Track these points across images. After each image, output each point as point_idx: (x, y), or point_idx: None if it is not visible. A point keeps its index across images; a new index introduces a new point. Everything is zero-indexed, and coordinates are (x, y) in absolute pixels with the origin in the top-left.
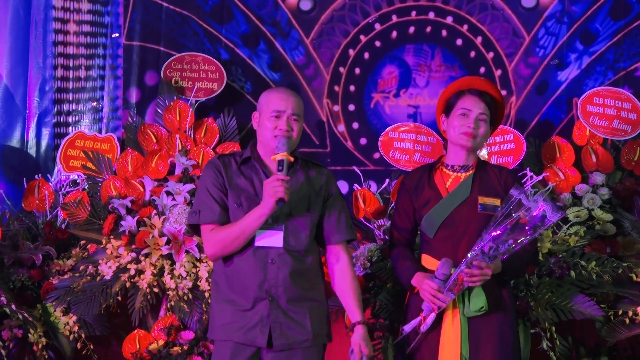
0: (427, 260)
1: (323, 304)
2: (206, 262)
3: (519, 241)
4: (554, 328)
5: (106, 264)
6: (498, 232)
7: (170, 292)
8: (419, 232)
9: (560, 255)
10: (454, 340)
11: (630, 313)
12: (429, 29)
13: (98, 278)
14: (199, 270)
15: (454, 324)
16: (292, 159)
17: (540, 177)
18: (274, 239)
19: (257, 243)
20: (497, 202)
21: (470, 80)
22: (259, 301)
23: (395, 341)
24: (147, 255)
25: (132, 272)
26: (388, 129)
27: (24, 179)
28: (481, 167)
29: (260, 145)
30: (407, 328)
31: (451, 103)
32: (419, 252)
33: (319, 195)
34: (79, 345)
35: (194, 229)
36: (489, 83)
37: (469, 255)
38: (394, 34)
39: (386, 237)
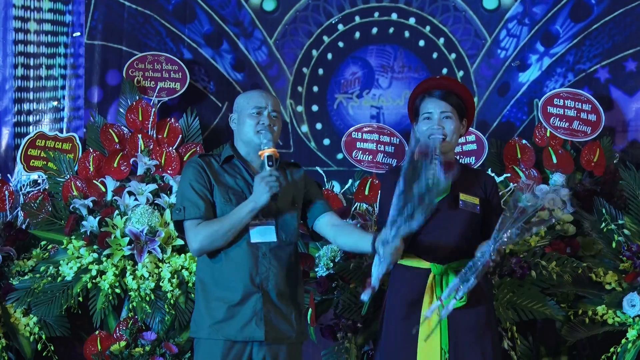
0: (408, 257)
1: (302, 301)
2: (169, 262)
3: (538, 229)
4: (515, 328)
5: (67, 264)
6: (522, 222)
7: (132, 293)
8: None
9: (522, 256)
10: (433, 334)
11: (590, 312)
12: (391, 30)
13: (59, 279)
14: (161, 270)
15: (432, 317)
16: (278, 154)
17: (502, 178)
18: (268, 234)
19: (253, 240)
20: (477, 200)
21: (426, 83)
22: (250, 295)
23: (415, 330)
24: (108, 256)
25: (94, 272)
26: (351, 129)
27: None
28: (460, 168)
29: (240, 144)
30: (428, 313)
31: (416, 110)
32: None
33: (300, 190)
34: (39, 347)
35: (178, 226)
36: (446, 79)
37: (496, 244)
38: (357, 35)
39: None
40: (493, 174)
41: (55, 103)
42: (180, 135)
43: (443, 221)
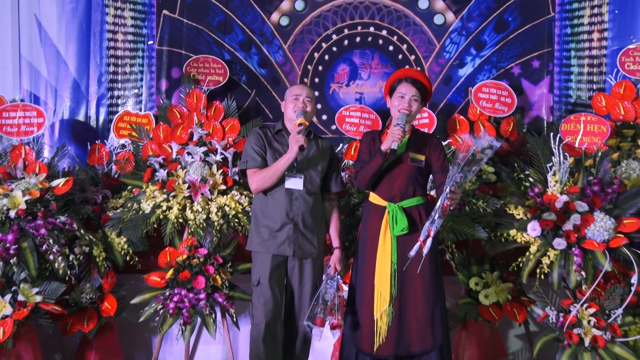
0: (372, 196)
1: (323, 231)
2: (215, 201)
3: (477, 168)
4: (454, 245)
5: (146, 202)
6: (463, 166)
7: (190, 222)
8: None
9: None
10: (387, 250)
11: (505, 234)
12: (370, 38)
13: (140, 212)
14: (210, 207)
15: (386, 240)
16: (307, 123)
17: (446, 143)
18: (297, 184)
19: (287, 185)
20: (422, 157)
21: (406, 72)
22: (285, 225)
23: (405, 265)
24: (174, 196)
25: (164, 208)
26: (341, 109)
27: (88, 143)
28: (415, 133)
29: (286, 121)
30: (412, 253)
31: (393, 88)
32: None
33: (326, 157)
34: (128, 258)
35: (242, 173)
36: (420, 73)
37: (447, 188)
38: (346, 42)
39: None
40: (438, 137)
41: (136, 91)
42: (223, 113)
43: (397, 171)
